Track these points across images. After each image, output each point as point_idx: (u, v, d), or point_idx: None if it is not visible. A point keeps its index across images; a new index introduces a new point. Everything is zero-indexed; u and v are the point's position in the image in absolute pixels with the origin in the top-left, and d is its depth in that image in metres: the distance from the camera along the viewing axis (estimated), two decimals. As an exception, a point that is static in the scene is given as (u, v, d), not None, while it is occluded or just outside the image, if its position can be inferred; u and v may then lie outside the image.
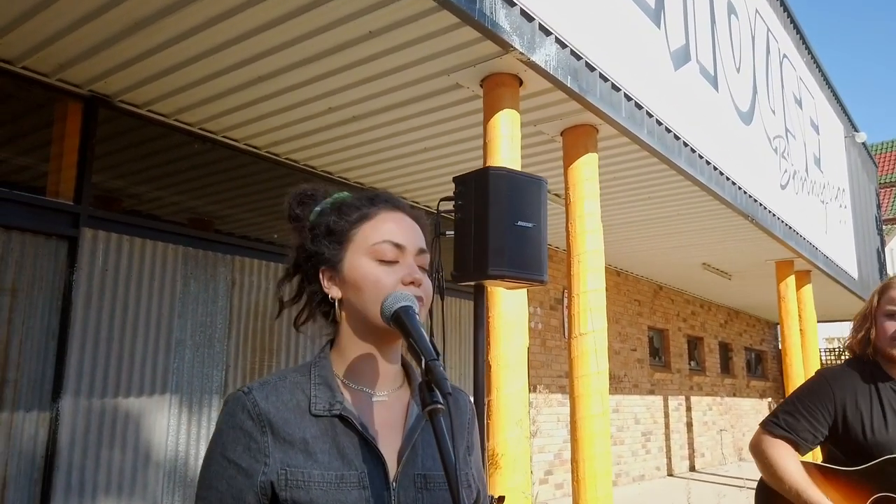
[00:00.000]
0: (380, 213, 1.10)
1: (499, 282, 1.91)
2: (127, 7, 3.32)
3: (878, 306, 2.08)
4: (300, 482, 0.97)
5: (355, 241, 1.08)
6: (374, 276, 1.05)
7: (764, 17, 8.23)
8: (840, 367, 2.13)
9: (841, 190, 11.51)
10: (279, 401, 1.03)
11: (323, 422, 1.03)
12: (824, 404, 2.02)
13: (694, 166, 5.68)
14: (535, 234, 1.89)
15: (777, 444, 2.02)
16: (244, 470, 1.00)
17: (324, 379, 1.06)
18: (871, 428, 1.94)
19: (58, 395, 3.94)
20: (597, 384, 4.31)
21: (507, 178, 1.89)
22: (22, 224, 3.92)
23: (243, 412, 1.02)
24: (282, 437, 1.01)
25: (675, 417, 11.22)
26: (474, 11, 3.29)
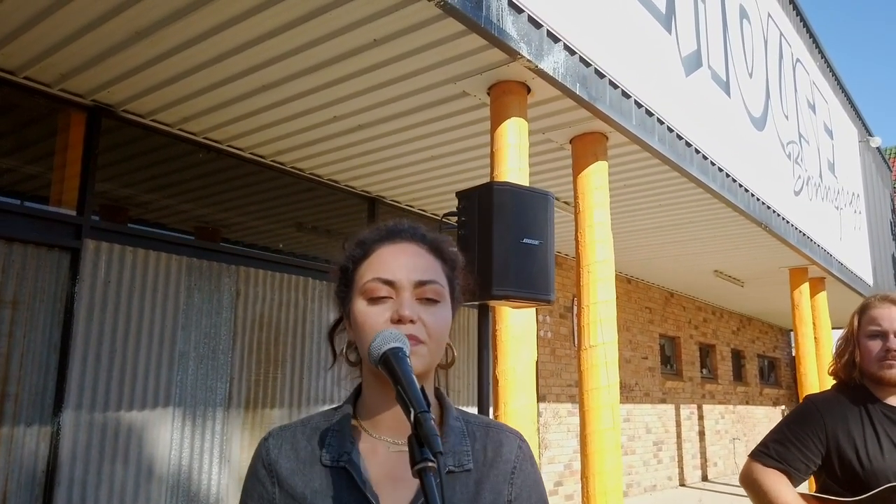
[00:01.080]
0: (378, 249, 1.03)
1: (503, 302, 1.83)
2: (128, 16, 3.28)
3: (860, 328, 2.01)
4: None
5: (356, 282, 1.03)
6: (362, 317, 0.99)
7: (777, 21, 8.12)
8: (828, 393, 2.06)
9: (855, 195, 11.35)
10: (292, 450, 1.01)
11: (331, 474, 0.97)
12: (815, 432, 1.93)
13: (706, 173, 5.58)
14: (541, 251, 1.81)
15: (769, 473, 1.93)
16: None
17: (341, 427, 1.02)
18: (866, 455, 1.86)
19: (59, 409, 3.88)
20: (607, 397, 4.21)
21: (512, 193, 1.80)
22: (24, 235, 3.87)
23: (259, 460, 1.03)
24: (286, 490, 0.98)
25: (687, 426, 11.07)
26: (481, 19, 3.22)
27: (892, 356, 1.90)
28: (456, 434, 1.03)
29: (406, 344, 0.92)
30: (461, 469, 1.00)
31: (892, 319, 1.94)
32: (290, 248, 5.47)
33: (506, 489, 1.02)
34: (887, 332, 1.93)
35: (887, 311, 1.95)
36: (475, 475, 1.01)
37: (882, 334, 1.94)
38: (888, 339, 1.92)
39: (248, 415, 4.79)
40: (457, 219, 1.87)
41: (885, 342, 1.93)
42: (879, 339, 1.95)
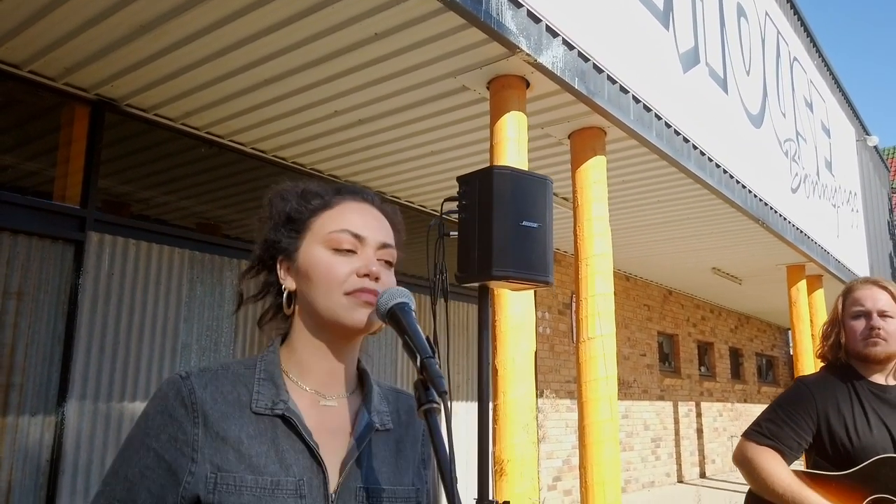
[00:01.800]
0: (343, 203, 1.05)
1: (503, 283, 1.88)
2: (132, 10, 3.32)
3: (844, 309, 2.10)
4: (231, 487, 0.89)
5: (313, 230, 1.03)
6: (325, 264, 0.99)
7: (774, 19, 8.18)
8: (818, 374, 2.14)
9: (853, 194, 11.41)
10: (218, 392, 0.96)
11: (263, 421, 0.95)
12: (807, 411, 2.01)
13: (703, 169, 5.63)
14: (540, 234, 1.86)
15: (763, 451, 2.00)
16: (166, 463, 0.91)
17: (269, 374, 0.99)
18: (855, 432, 1.94)
19: (63, 400, 3.92)
20: (605, 389, 4.26)
21: (511, 177, 1.86)
22: (28, 228, 3.91)
23: (177, 398, 0.94)
24: (214, 432, 0.92)
25: (686, 423, 11.12)
26: (480, 13, 3.27)
27: (876, 334, 1.98)
28: (378, 397, 1.07)
29: (411, 300, 0.96)
30: (384, 428, 1.04)
31: (875, 299, 2.01)
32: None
33: (419, 448, 1.09)
34: (870, 311, 2.00)
35: (869, 291, 2.03)
36: (395, 434, 1.06)
37: (865, 314, 2.01)
38: (871, 317, 2.00)
39: (250, 407, 4.83)
40: (457, 203, 1.93)
41: (868, 321, 2.00)
42: (863, 318, 2.02)
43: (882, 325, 2.00)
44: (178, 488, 0.90)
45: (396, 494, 1.00)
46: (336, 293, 0.98)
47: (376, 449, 1.01)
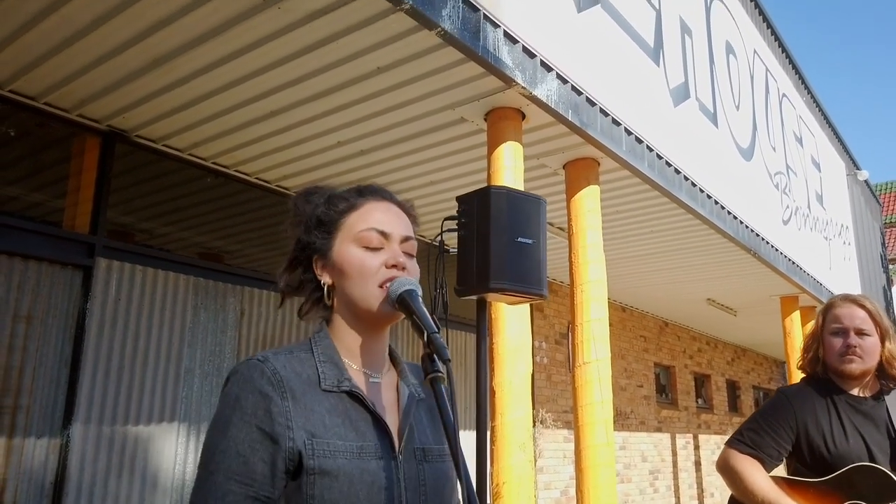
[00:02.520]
0: (367, 203, 1.19)
1: (500, 295, 1.99)
2: (146, 45, 3.49)
3: (824, 326, 2.19)
4: (326, 451, 1.01)
5: (343, 230, 1.16)
6: (359, 260, 1.12)
7: (762, 57, 8.44)
8: (798, 386, 2.24)
9: (844, 227, 11.58)
10: (293, 371, 1.07)
11: (331, 397, 1.08)
12: (787, 421, 2.11)
13: (695, 199, 5.78)
14: (534, 250, 1.98)
15: (744, 459, 2.10)
16: (268, 434, 1.01)
17: (329, 357, 1.12)
18: (832, 441, 2.03)
19: (69, 422, 3.99)
20: (601, 413, 4.34)
21: (507, 196, 1.99)
22: (39, 253, 4.03)
23: (262, 378, 1.04)
24: (302, 404, 1.04)
25: (683, 456, 11.10)
26: (478, 48, 3.44)
27: (852, 351, 2.08)
28: (408, 372, 1.22)
29: (418, 287, 1.10)
30: (420, 398, 1.19)
31: (853, 317, 2.11)
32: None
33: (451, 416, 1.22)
34: (848, 329, 2.10)
35: (848, 310, 2.13)
36: (427, 403, 1.20)
37: (843, 331, 2.11)
38: (849, 335, 2.10)
39: (251, 432, 4.89)
40: (457, 221, 2.05)
41: (846, 339, 2.10)
42: (841, 335, 2.12)
43: (859, 342, 2.09)
44: (283, 454, 1.01)
45: (442, 451, 1.16)
46: (371, 285, 1.11)
47: (420, 419, 1.16)
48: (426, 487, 1.09)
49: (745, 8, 7.97)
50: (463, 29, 3.36)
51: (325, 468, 1.00)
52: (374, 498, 1.02)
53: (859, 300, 2.19)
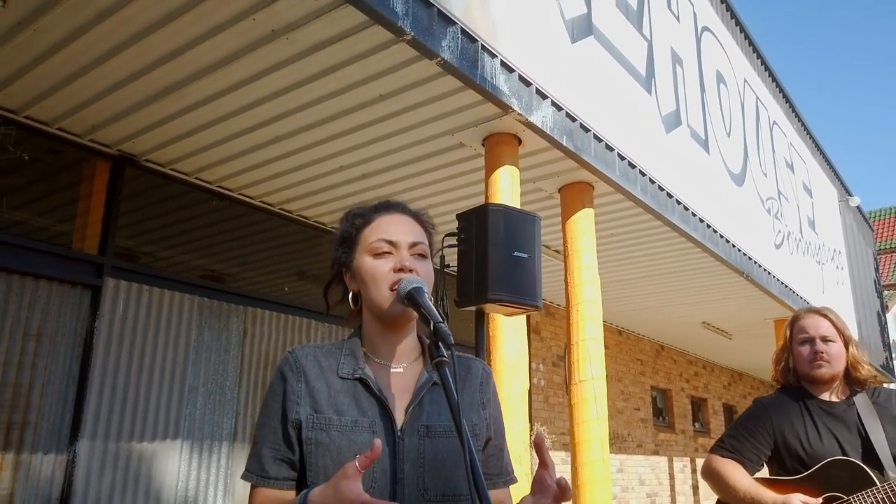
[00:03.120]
0: (378, 217, 1.36)
1: (498, 306, 2.12)
2: (160, 73, 3.65)
3: (792, 337, 2.34)
4: (322, 424, 1.22)
5: (360, 244, 1.34)
6: (371, 267, 1.30)
7: (753, 86, 8.66)
8: (773, 395, 2.39)
9: (837, 252, 11.74)
10: (315, 361, 1.30)
11: (347, 383, 1.28)
12: (764, 427, 2.26)
13: (687, 223, 5.93)
14: (529, 264, 2.11)
15: (727, 462, 2.24)
16: (284, 409, 1.26)
17: (352, 351, 1.32)
18: (808, 442, 2.17)
19: (75, 438, 4.08)
20: (596, 430, 4.43)
21: (504, 213, 2.12)
22: (49, 273, 4.14)
23: (286, 366, 1.30)
24: (312, 386, 1.27)
25: (681, 479, 11.12)
26: (476, 76, 3.61)
27: (819, 357, 2.23)
28: None
29: (424, 284, 1.24)
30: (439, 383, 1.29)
31: (817, 327, 2.27)
32: (295, 291, 5.75)
33: (478, 395, 1.37)
34: (814, 337, 2.26)
35: (812, 320, 2.29)
36: None
37: (810, 340, 2.27)
38: (815, 343, 2.25)
39: (252, 450, 4.97)
40: (456, 237, 2.18)
41: (812, 346, 2.24)
42: (808, 344, 2.27)
43: (825, 349, 2.24)
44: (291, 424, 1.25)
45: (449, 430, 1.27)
46: (383, 289, 1.28)
47: (435, 400, 1.29)
48: (425, 461, 1.23)
49: (735, 39, 8.22)
50: (462, 58, 3.53)
51: (318, 439, 1.22)
52: None
53: (822, 311, 2.35)
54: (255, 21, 3.21)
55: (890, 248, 23.10)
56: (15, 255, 4.01)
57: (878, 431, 2.14)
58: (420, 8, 3.31)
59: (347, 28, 3.25)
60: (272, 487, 1.25)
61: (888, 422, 2.17)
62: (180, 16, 3.17)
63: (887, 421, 2.17)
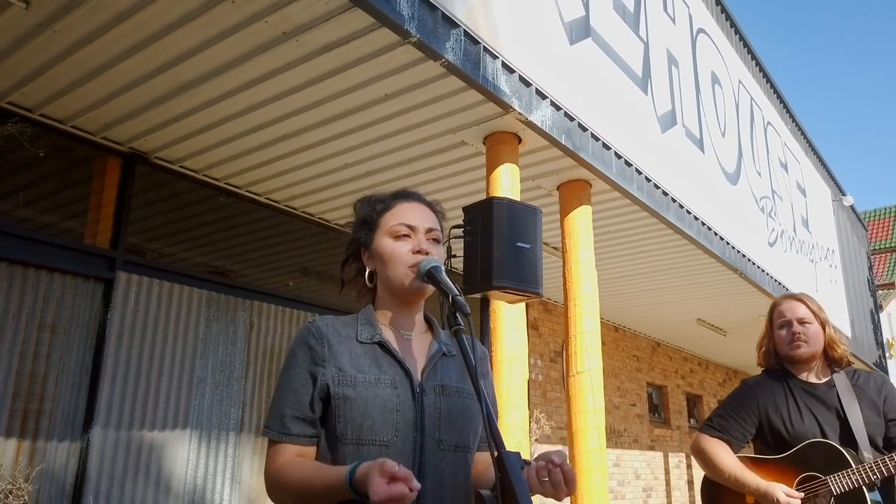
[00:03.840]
0: (398, 204, 1.52)
1: (502, 293, 2.26)
2: (173, 73, 3.78)
3: (772, 322, 2.51)
4: (348, 380, 1.37)
5: (380, 227, 1.49)
6: (391, 248, 1.45)
7: (747, 87, 8.81)
8: (759, 377, 2.55)
9: (830, 251, 11.90)
10: (335, 329, 1.45)
11: (366, 347, 1.43)
12: (749, 407, 2.42)
13: (682, 220, 6.08)
14: (531, 253, 2.25)
15: (714, 442, 2.39)
16: (311, 372, 1.40)
17: (367, 320, 1.48)
18: (790, 421, 2.33)
19: (89, 427, 4.21)
20: (593, 420, 4.57)
21: (508, 206, 2.26)
22: (63, 266, 4.27)
23: (309, 334, 1.43)
24: (336, 351, 1.41)
25: (676, 475, 11.28)
26: (479, 77, 3.75)
27: (797, 338, 2.39)
28: (442, 335, 1.52)
29: (441, 264, 1.40)
30: (450, 354, 1.49)
31: (794, 310, 2.44)
32: (299, 286, 5.89)
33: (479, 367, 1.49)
34: (791, 320, 2.42)
35: (789, 304, 2.46)
36: (458, 360, 1.50)
37: (788, 323, 2.42)
38: (793, 325, 2.40)
39: (259, 440, 5.10)
40: (462, 229, 2.32)
41: (790, 328, 2.40)
42: (787, 327, 2.42)
43: (801, 329, 2.41)
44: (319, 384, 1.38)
45: (462, 391, 1.46)
46: (402, 267, 1.44)
47: (446, 366, 1.47)
48: (441, 414, 1.40)
49: (729, 40, 8.37)
50: (465, 60, 3.67)
51: (346, 394, 1.36)
52: (387, 417, 1.35)
53: (798, 296, 2.52)
54: (267, 23, 3.35)
55: (884, 248, 23.28)
56: (31, 249, 4.14)
57: (856, 413, 2.28)
58: (425, 11, 3.45)
59: (355, 30, 3.39)
60: (293, 443, 1.37)
61: (866, 404, 2.31)
62: (195, 18, 3.31)
63: (865, 403, 2.31)
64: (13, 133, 4.20)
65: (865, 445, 2.23)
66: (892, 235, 23.75)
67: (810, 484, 2.23)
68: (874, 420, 2.28)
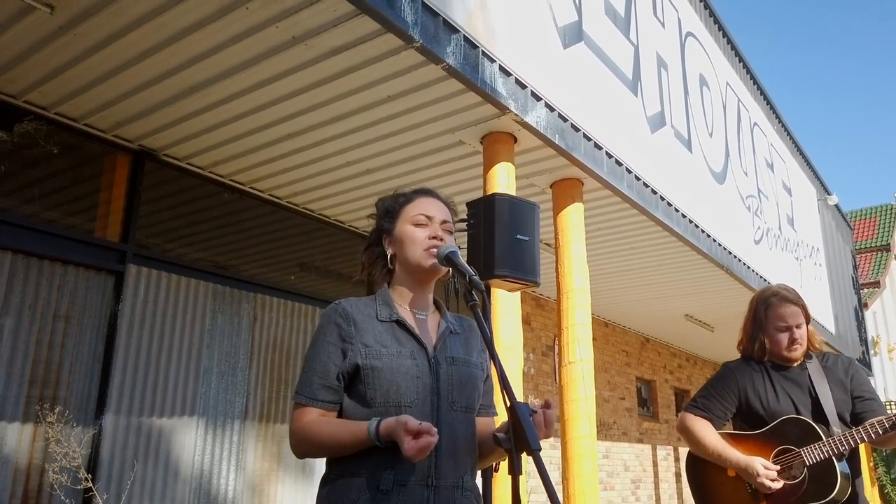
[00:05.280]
0: (418, 198, 1.76)
1: (503, 281, 2.46)
2: (186, 74, 3.95)
3: (768, 320, 2.64)
4: (375, 354, 1.58)
5: (402, 216, 1.73)
6: (412, 234, 1.69)
7: (734, 89, 9.06)
8: (739, 360, 2.76)
9: (815, 249, 12.18)
10: (358, 309, 1.66)
11: (385, 325, 1.64)
12: (730, 388, 2.65)
13: (671, 218, 6.30)
14: (529, 245, 2.46)
15: (698, 420, 2.62)
16: (338, 347, 1.61)
17: (385, 301, 1.70)
18: (766, 401, 2.56)
19: (101, 413, 4.38)
20: (584, 408, 4.79)
21: (508, 201, 2.47)
22: (76, 259, 4.44)
23: (336, 314, 1.65)
24: (361, 328, 1.62)
25: (664, 467, 11.54)
26: (477, 80, 3.95)
27: (795, 342, 2.58)
28: (449, 315, 1.75)
29: (457, 248, 1.58)
30: (455, 332, 1.72)
31: (795, 316, 2.62)
32: (301, 279, 6.08)
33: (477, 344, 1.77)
34: (791, 326, 2.60)
35: (789, 309, 2.63)
36: (462, 337, 1.73)
37: (788, 328, 2.60)
38: (793, 331, 2.59)
39: (262, 428, 5.29)
40: (466, 223, 2.52)
41: (791, 335, 2.59)
42: (787, 332, 2.60)
43: (799, 335, 2.60)
44: (348, 359, 1.59)
45: (470, 362, 1.68)
46: (420, 249, 1.66)
47: (453, 341, 1.68)
48: (453, 380, 1.63)
49: (717, 44, 8.61)
50: (464, 63, 3.87)
51: (374, 365, 1.57)
52: (409, 383, 1.57)
53: (794, 299, 2.67)
54: (278, 28, 3.53)
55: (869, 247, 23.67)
56: (45, 243, 4.30)
57: (826, 392, 2.51)
58: (427, 17, 3.65)
59: (362, 35, 3.58)
60: (319, 408, 1.59)
61: (834, 383, 2.54)
62: (210, 23, 3.48)
63: (834, 383, 2.54)
64: (29, 130, 4.37)
65: (835, 420, 2.45)
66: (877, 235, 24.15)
67: (785, 456, 2.46)
68: (842, 398, 2.50)
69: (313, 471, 5.57)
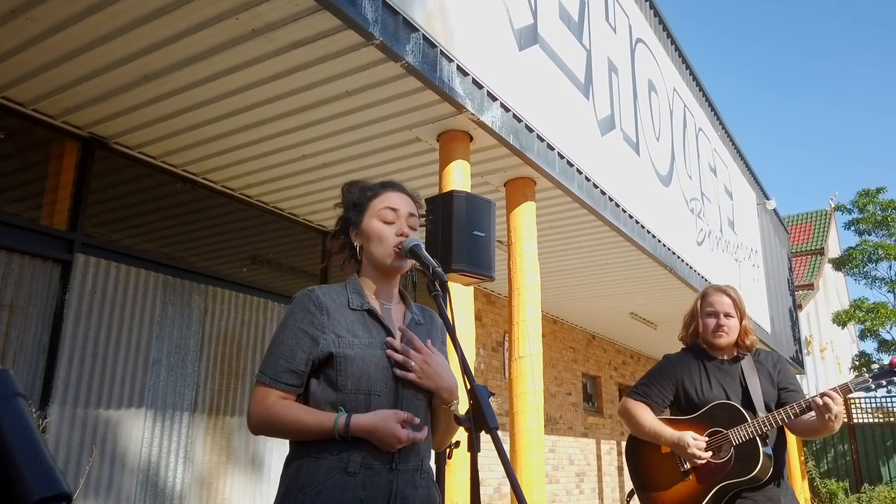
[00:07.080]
0: (385, 192, 1.80)
1: (460, 275, 2.54)
2: (141, 62, 3.91)
3: (701, 309, 2.87)
4: (346, 343, 1.63)
5: (369, 210, 1.76)
6: (380, 230, 1.73)
7: (681, 95, 9.36)
8: (679, 353, 2.95)
9: (754, 251, 12.67)
10: (330, 297, 1.70)
11: (356, 314, 1.69)
12: (668, 377, 2.83)
13: (618, 218, 6.50)
14: (485, 241, 2.55)
15: (637, 404, 2.80)
16: (310, 335, 1.63)
17: (356, 289, 1.74)
18: (700, 390, 2.75)
19: (46, 405, 4.30)
20: (533, 401, 4.92)
21: (466, 198, 2.55)
22: (22, 247, 4.34)
23: (310, 300, 1.67)
24: (333, 318, 1.66)
25: (607, 461, 11.85)
26: (435, 78, 4.02)
27: (720, 329, 2.77)
28: (413, 307, 1.81)
29: (421, 242, 1.65)
30: (419, 323, 1.79)
31: (722, 304, 2.81)
32: (253, 272, 6.05)
33: (438, 335, 1.85)
34: (718, 312, 2.79)
35: (719, 297, 2.84)
36: (425, 328, 1.80)
37: (715, 314, 2.79)
38: (719, 317, 2.78)
39: (211, 420, 5.26)
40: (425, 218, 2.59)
41: (717, 320, 2.78)
42: (713, 317, 2.80)
43: (726, 322, 2.79)
44: (318, 348, 1.63)
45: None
46: (387, 247, 1.71)
47: (418, 332, 1.74)
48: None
49: (666, 50, 8.88)
50: (423, 62, 3.93)
51: (346, 354, 1.61)
52: (379, 373, 1.62)
53: (726, 290, 2.89)
54: (238, 20, 3.53)
55: (804, 251, 24.69)
56: (-11, 229, 4.20)
57: (756, 384, 2.70)
58: (388, 16, 3.70)
59: (322, 31, 3.61)
60: (280, 390, 1.61)
61: (763, 376, 2.74)
62: (169, 11, 3.46)
63: (763, 375, 2.74)
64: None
65: (761, 408, 2.65)
66: (812, 239, 25.21)
67: (715, 437, 2.64)
68: (769, 389, 2.71)
69: (262, 464, 5.57)
